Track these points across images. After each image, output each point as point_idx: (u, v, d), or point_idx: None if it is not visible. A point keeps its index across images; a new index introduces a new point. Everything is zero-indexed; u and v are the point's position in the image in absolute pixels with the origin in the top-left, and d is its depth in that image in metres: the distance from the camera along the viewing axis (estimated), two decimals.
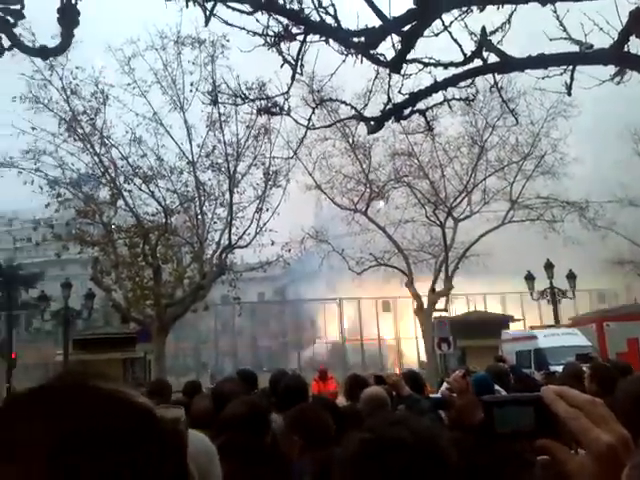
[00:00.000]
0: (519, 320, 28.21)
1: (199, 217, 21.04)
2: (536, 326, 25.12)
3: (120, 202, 20.34)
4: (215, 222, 21.25)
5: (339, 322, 33.03)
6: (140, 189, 20.34)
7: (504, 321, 26.27)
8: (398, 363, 31.26)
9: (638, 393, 2.28)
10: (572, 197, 24.67)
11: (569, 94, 9.78)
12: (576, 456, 0.90)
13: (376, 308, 32.66)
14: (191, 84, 20.41)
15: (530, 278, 24.71)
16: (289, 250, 22.83)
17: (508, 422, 0.97)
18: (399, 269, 25.58)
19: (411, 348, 31.67)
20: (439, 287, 24.68)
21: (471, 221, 25.10)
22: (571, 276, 24.22)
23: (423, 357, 26.79)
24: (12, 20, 3.81)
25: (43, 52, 4.82)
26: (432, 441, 1.28)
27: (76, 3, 3.93)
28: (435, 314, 23.89)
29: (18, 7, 3.79)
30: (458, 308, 29.30)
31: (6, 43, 3.86)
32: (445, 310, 24.84)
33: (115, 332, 24.34)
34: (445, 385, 3.37)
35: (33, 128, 19.31)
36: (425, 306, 24.38)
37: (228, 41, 19.28)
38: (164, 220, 20.00)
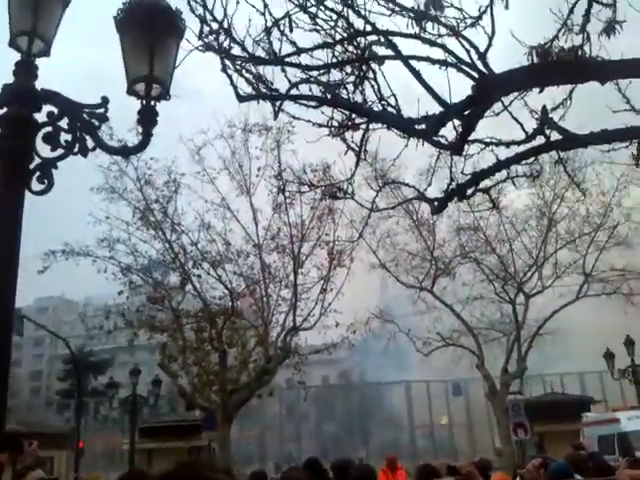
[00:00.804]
0: (599, 401, 26.57)
1: (264, 299, 21.17)
2: (619, 408, 23.57)
3: (188, 287, 20.77)
4: (279, 304, 21.34)
5: (407, 405, 31.93)
6: (208, 273, 20.78)
7: (584, 403, 24.80)
8: (471, 450, 29.66)
9: None
10: None
11: (637, 166, 9.53)
12: None
13: (446, 391, 31.46)
14: (258, 169, 21.02)
15: (610, 356, 23.49)
16: (354, 331, 22.54)
17: None
18: (469, 349, 24.76)
19: (485, 434, 30.07)
20: (512, 368, 23.65)
21: (543, 296, 24.26)
22: None
23: (498, 443, 25.36)
24: (97, 123, 4.05)
25: (124, 151, 5.11)
26: None
27: (155, 105, 4.15)
28: (509, 397, 22.76)
29: (102, 111, 4.03)
30: (533, 390, 27.89)
31: (90, 144, 4.09)
32: (519, 392, 23.69)
33: (180, 419, 24.35)
34: (518, 478, 3.14)
35: (107, 217, 20.24)
36: (498, 388, 23.32)
37: (294, 127, 19.73)
38: (230, 303, 20.24)
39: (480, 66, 5.59)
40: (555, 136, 7.46)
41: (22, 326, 21.14)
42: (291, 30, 5.00)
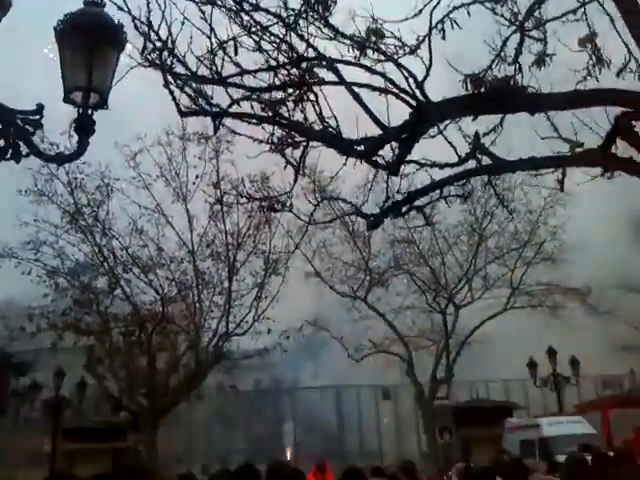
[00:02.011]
0: (522, 408, 27.55)
1: (197, 305, 20.90)
2: (540, 414, 24.53)
3: (117, 291, 20.31)
4: (212, 310, 21.11)
5: (337, 409, 32.23)
6: (139, 278, 20.39)
7: (507, 409, 25.64)
8: (397, 453, 30.21)
9: None
10: (573, 283, 24.69)
11: (561, 190, 10.01)
12: None
13: (375, 396, 31.91)
14: (196, 177, 20.78)
15: (533, 365, 24.34)
16: (287, 337, 22.55)
17: None
18: (399, 356, 25.23)
19: (412, 437, 30.71)
20: (440, 374, 24.25)
21: (472, 308, 25.02)
22: (574, 362, 23.87)
23: (425, 447, 25.97)
24: (31, 129, 3.97)
25: (59, 159, 5.00)
26: None
27: (92, 114, 4.10)
28: (436, 402, 23.35)
29: (37, 117, 3.95)
30: (460, 396, 28.66)
31: (23, 150, 4.00)
32: (446, 398, 24.30)
33: (105, 421, 23.70)
34: None
35: (36, 220, 19.52)
36: (426, 394, 23.87)
37: (234, 137, 19.65)
38: (161, 309, 19.89)
39: (418, 94, 5.77)
40: (486, 160, 7.78)
41: None
42: (236, 53, 5.01)
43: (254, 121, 5.87)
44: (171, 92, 5.29)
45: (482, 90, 6.53)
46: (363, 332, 25.60)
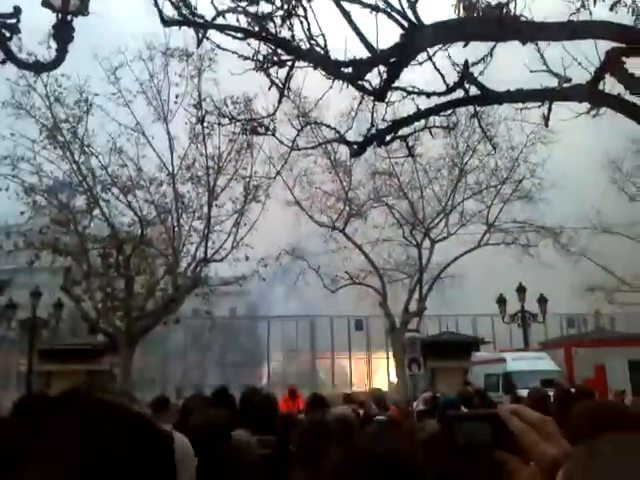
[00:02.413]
0: (489, 342, 28.44)
1: (175, 229, 20.84)
2: (506, 349, 25.36)
3: (96, 211, 20.10)
4: (191, 235, 21.09)
5: (310, 339, 32.97)
6: (118, 199, 20.19)
7: (474, 343, 26.48)
8: (367, 382, 31.23)
9: (588, 415, 2.48)
10: (547, 222, 25.08)
11: (546, 125, 10.03)
12: (527, 467, 1.00)
13: (348, 326, 32.67)
14: (176, 96, 20.29)
15: (502, 301, 24.94)
16: (265, 265, 22.74)
17: (467, 436, 1.06)
18: (374, 288, 25.66)
19: (382, 367, 31.70)
20: (412, 308, 24.78)
21: (447, 243, 25.33)
22: (542, 300, 24.52)
23: (393, 377, 26.83)
24: (8, 34, 3.81)
25: (37, 67, 4.83)
26: (412, 457, 1.38)
27: (71, 20, 3.94)
28: (407, 334, 23.92)
29: (14, 21, 3.78)
30: (430, 329, 29.45)
31: (0, 56, 3.84)
32: (417, 331, 24.86)
33: (82, 343, 23.97)
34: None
35: (12, 134, 19.10)
36: (397, 326, 24.45)
37: (216, 54, 19.09)
38: (140, 231, 19.81)
39: (410, 14, 5.63)
40: (474, 91, 7.71)
41: None
42: None
43: (239, 35, 5.70)
44: None
45: (474, 16, 6.40)
46: (340, 263, 25.90)
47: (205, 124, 18.85)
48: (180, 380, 30.61)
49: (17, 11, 3.77)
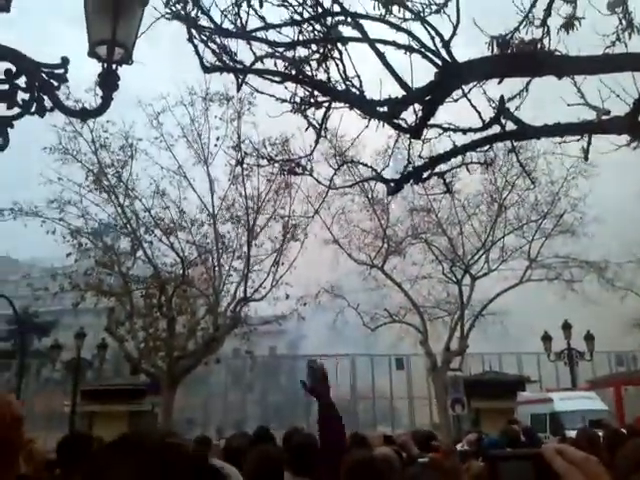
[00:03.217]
0: (535, 382, 27.62)
1: (216, 269, 21.09)
2: (552, 389, 24.58)
3: (139, 253, 20.54)
4: (231, 274, 21.33)
5: (350, 378, 32.56)
6: (160, 240, 20.62)
7: (520, 382, 25.74)
8: (410, 423, 30.55)
9: (636, 454, 2.39)
10: (591, 257, 24.50)
11: (586, 159, 9.89)
12: None
13: (389, 365, 32.17)
14: (217, 139, 20.85)
15: (547, 339, 24.36)
16: (304, 304, 22.75)
17: (510, 475, 1.06)
18: (414, 326, 25.32)
19: (424, 408, 31.00)
20: (454, 346, 24.33)
21: (488, 279, 24.92)
22: (589, 337, 23.83)
23: (436, 418, 26.18)
24: (56, 84, 3.99)
25: (83, 114, 5.05)
26: None
27: (116, 69, 4.11)
28: (449, 373, 23.45)
29: (62, 71, 3.97)
30: (473, 368, 28.79)
31: (47, 104, 4.03)
32: (459, 370, 24.40)
33: (124, 383, 24.18)
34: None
35: (60, 178, 19.79)
36: (439, 365, 24.00)
37: (255, 98, 19.55)
38: (182, 271, 20.12)
39: (444, 53, 5.70)
40: (510, 126, 7.69)
41: None
42: (261, 6, 4.99)
43: (277, 79, 5.86)
44: (195, 46, 5.29)
45: (508, 52, 6.44)
46: (379, 301, 25.72)
47: (244, 165, 19.26)
48: (221, 420, 30.50)
49: (65, 62, 3.96)
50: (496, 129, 7.72)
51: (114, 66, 4.10)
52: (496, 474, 1.06)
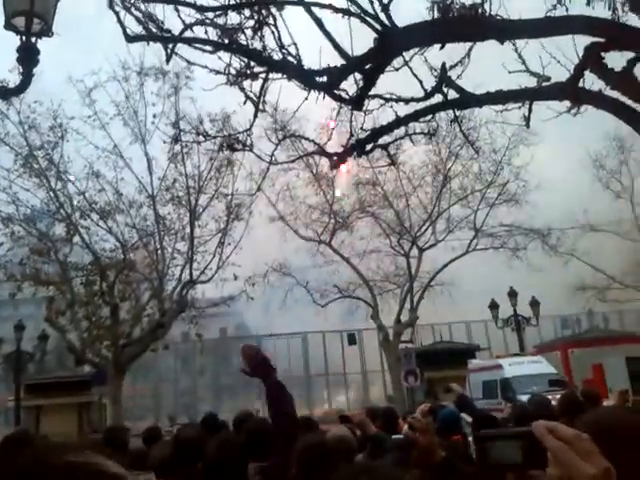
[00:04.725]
0: (485, 349, 28.19)
1: (159, 252, 20.53)
2: (502, 355, 25.13)
3: (76, 239, 19.77)
4: (175, 257, 20.83)
5: (303, 355, 32.55)
6: (97, 225, 19.88)
7: (470, 351, 26.22)
8: (364, 398, 30.82)
9: (602, 427, 2.23)
10: (535, 224, 25.02)
11: (527, 126, 9.85)
12: None
13: (341, 341, 32.27)
14: (153, 116, 20.19)
15: (494, 306, 24.77)
16: (253, 284, 22.42)
17: (499, 455, 1.06)
18: (364, 300, 25.38)
19: (378, 382, 31.31)
20: (404, 318, 24.52)
21: (436, 250, 25.22)
22: (534, 303, 24.37)
23: (390, 390, 26.46)
24: None
25: (3, 93, 4.62)
26: None
27: (36, 42, 3.73)
28: (401, 345, 23.65)
29: None
30: (424, 339, 29.16)
31: None
32: (411, 342, 24.63)
33: (69, 375, 23.51)
34: (406, 426, 3.18)
35: None
36: (391, 338, 24.16)
37: (192, 72, 18.90)
38: (122, 256, 19.46)
39: (383, 18, 5.43)
40: (452, 95, 7.53)
41: None
42: None
43: (208, 48, 5.46)
44: (117, 13, 4.84)
45: (449, 16, 6.22)
46: (328, 277, 25.65)
47: (183, 143, 18.61)
48: (173, 406, 30.03)
49: None
50: (438, 98, 7.55)
51: (33, 39, 3.75)
52: (484, 453, 1.07)
